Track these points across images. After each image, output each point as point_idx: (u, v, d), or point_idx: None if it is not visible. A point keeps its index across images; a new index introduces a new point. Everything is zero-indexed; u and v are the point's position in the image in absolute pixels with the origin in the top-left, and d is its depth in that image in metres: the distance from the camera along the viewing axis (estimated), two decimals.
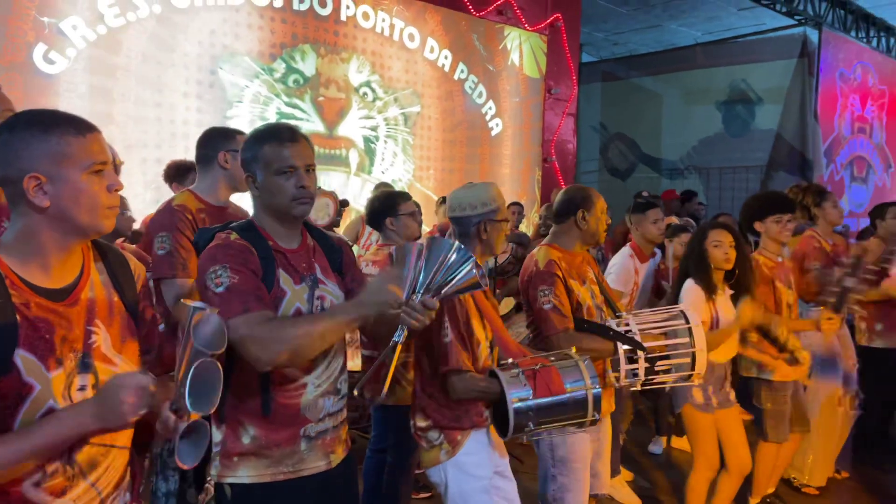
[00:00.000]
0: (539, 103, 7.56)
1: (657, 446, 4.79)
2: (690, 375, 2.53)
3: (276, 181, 1.74)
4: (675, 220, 5.42)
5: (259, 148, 1.76)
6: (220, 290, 1.64)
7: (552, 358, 2.18)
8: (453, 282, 1.74)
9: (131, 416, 1.24)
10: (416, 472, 3.68)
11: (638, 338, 2.52)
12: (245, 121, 5.23)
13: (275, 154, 1.74)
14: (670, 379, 2.56)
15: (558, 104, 7.72)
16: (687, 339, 2.53)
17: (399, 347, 1.74)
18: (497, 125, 7.17)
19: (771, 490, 3.74)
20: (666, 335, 2.58)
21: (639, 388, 2.59)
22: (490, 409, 2.27)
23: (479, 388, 2.20)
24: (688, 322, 2.55)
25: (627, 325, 2.58)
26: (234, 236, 1.75)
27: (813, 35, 9.02)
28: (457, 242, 1.76)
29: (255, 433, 1.73)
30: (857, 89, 9.91)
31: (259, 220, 1.82)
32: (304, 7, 5.51)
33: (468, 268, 1.74)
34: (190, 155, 4.59)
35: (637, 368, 2.50)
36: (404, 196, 3.37)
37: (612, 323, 2.61)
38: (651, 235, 3.98)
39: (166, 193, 4.57)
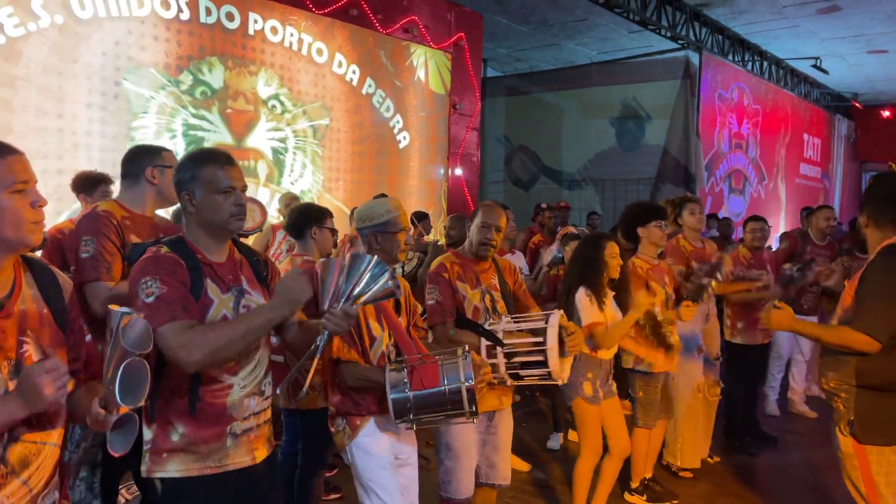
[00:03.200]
0: (444, 118, 7.85)
1: (555, 442, 5.11)
2: (549, 373, 2.69)
3: (216, 199, 1.91)
4: (572, 229, 5.83)
5: (198, 169, 1.92)
6: (149, 300, 1.77)
7: (440, 356, 2.38)
8: (371, 291, 1.94)
9: (51, 396, 1.34)
10: (328, 474, 3.84)
11: (500, 335, 2.75)
12: (151, 132, 5.21)
13: (214, 175, 1.91)
14: (531, 373, 2.73)
15: (463, 119, 8.04)
16: (542, 339, 2.69)
17: (319, 352, 1.92)
18: (404, 138, 7.40)
19: (649, 475, 4.14)
20: (529, 334, 2.76)
21: (508, 383, 2.79)
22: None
23: (364, 377, 2.44)
24: (547, 323, 2.72)
25: (498, 324, 2.82)
26: (164, 250, 1.89)
27: (694, 58, 9.77)
28: (375, 257, 1.97)
29: (184, 431, 1.86)
30: (734, 108, 10.79)
31: (190, 234, 1.96)
32: (211, 20, 5.55)
33: (385, 279, 1.95)
34: (93, 166, 4.58)
35: (497, 363, 2.73)
36: (329, 212, 3.54)
37: (490, 322, 2.86)
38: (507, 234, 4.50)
39: (69, 204, 4.53)
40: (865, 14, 9.11)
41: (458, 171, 8.01)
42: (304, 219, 3.41)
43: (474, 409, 2.29)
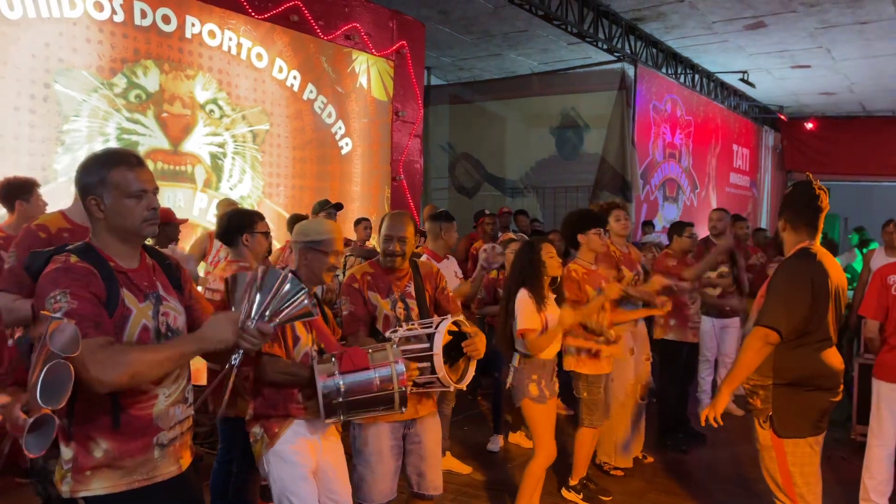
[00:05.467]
0: (387, 124, 7.88)
1: (495, 444, 5.20)
2: (438, 377, 2.70)
3: (127, 204, 1.83)
4: (512, 234, 5.95)
5: (106, 172, 1.83)
6: (58, 315, 1.66)
7: (369, 348, 2.41)
8: (287, 310, 1.91)
9: None
10: (263, 482, 3.81)
11: (395, 342, 2.75)
12: (82, 136, 5.07)
13: (124, 178, 1.83)
14: (427, 378, 2.74)
15: (405, 126, 8.09)
16: (429, 344, 2.71)
17: (234, 370, 1.91)
18: (347, 144, 7.40)
19: (583, 474, 4.26)
20: (421, 340, 2.78)
21: (408, 389, 2.77)
22: (311, 401, 2.46)
23: (287, 370, 2.44)
24: (436, 329, 2.75)
25: (397, 331, 2.85)
26: (73, 259, 1.78)
27: (630, 70, 10.06)
28: (290, 274, 1.94)
29: (108, 446, 1.78)
30: (668, 119, 11.16)
31: (99, 241, 1.87)
32: (146, 23, 5.44)
33: (301, 298, 1.92)
34: (20, 170, 4.45)
35: None
36: (260, 215, 3.53)
37: (393, 329, 2.89)
38: (451, 241, 4.75)
39: None
40: (789, 31, 9.58)
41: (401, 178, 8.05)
42: (234, 226, 3.39)
43: (405, 389, 2.32)
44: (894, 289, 3.85)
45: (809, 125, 14.99)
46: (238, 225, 3.37)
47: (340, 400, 2.29)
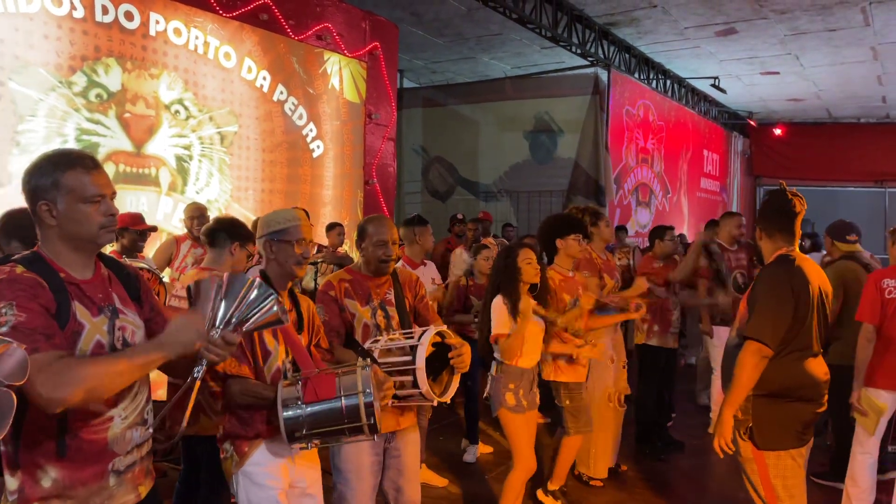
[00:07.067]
0: (360, 127, 7.73)
1: (471, 455, 5.08)
2: (421, 392, 2.57)
3: (83, 209, 1.70)
4: (491, 240, 5.85)
5: (60, 174, 1.69)
6: (4, 329, 1.53)
7: (338, 369, 2.26)
8: (255, 317, 1.77)
9: None
10: (233, 501, 3.64)
11: (376, 354, 2.65)
12: (40, 136, 4.84)
13: (80, 182, 1.70)
14: (409, 392, 2.63)
15: (379, 128, 7.95)
16: (411, 357, 2.59)
17: (198, 383, 1.76)
18: (318, 147, 7.23)
19: (563, 481, 4.16)
20: (403, 352, 2.66)
21: (390, 403, 2.65)
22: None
23: (253, 392, 2.28)
24: (419, 341, 2.62)
25: (378, 341, 2.73)
26: (20, 269, 1.64)
27: (603, 75, 10.07)
28: (257, 279, 1.80)
29: (57, 475, 1.65)
30: (640, 125, 11.20)
31: (49, 250, 1.73)
32: (108, 19, 5.23)
33: (269, 304, 1.78)
34: None
35: None
36: (254, 237, 3.36)
37: (372, 340, 2.78)
38: (427, 245, 4.74)
39: None
40: (759, 38, 9.67)
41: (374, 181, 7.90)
42: (231, 231, 3.22)
43: (373, 421, 2.14)
44: (888, 292, 3.82)
45: (778, 131, 15.21)
46: (236, 232, 3.22)
47: (304, 432, 2.14)
